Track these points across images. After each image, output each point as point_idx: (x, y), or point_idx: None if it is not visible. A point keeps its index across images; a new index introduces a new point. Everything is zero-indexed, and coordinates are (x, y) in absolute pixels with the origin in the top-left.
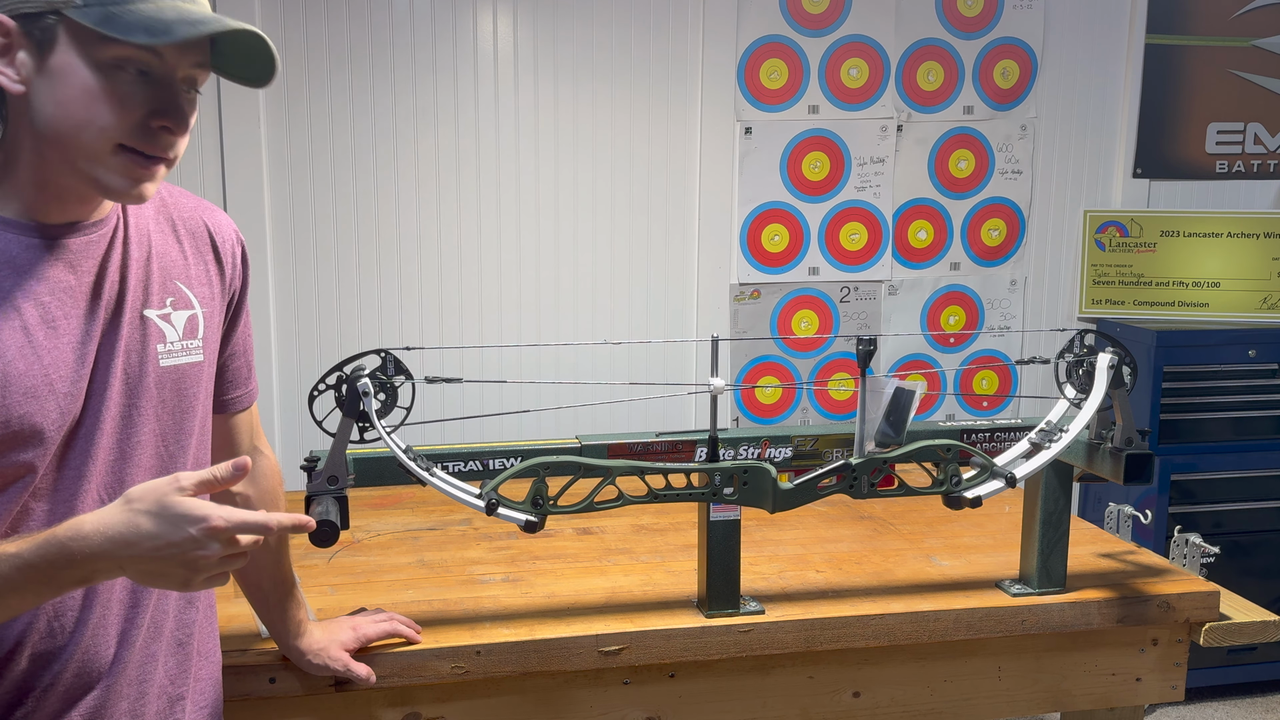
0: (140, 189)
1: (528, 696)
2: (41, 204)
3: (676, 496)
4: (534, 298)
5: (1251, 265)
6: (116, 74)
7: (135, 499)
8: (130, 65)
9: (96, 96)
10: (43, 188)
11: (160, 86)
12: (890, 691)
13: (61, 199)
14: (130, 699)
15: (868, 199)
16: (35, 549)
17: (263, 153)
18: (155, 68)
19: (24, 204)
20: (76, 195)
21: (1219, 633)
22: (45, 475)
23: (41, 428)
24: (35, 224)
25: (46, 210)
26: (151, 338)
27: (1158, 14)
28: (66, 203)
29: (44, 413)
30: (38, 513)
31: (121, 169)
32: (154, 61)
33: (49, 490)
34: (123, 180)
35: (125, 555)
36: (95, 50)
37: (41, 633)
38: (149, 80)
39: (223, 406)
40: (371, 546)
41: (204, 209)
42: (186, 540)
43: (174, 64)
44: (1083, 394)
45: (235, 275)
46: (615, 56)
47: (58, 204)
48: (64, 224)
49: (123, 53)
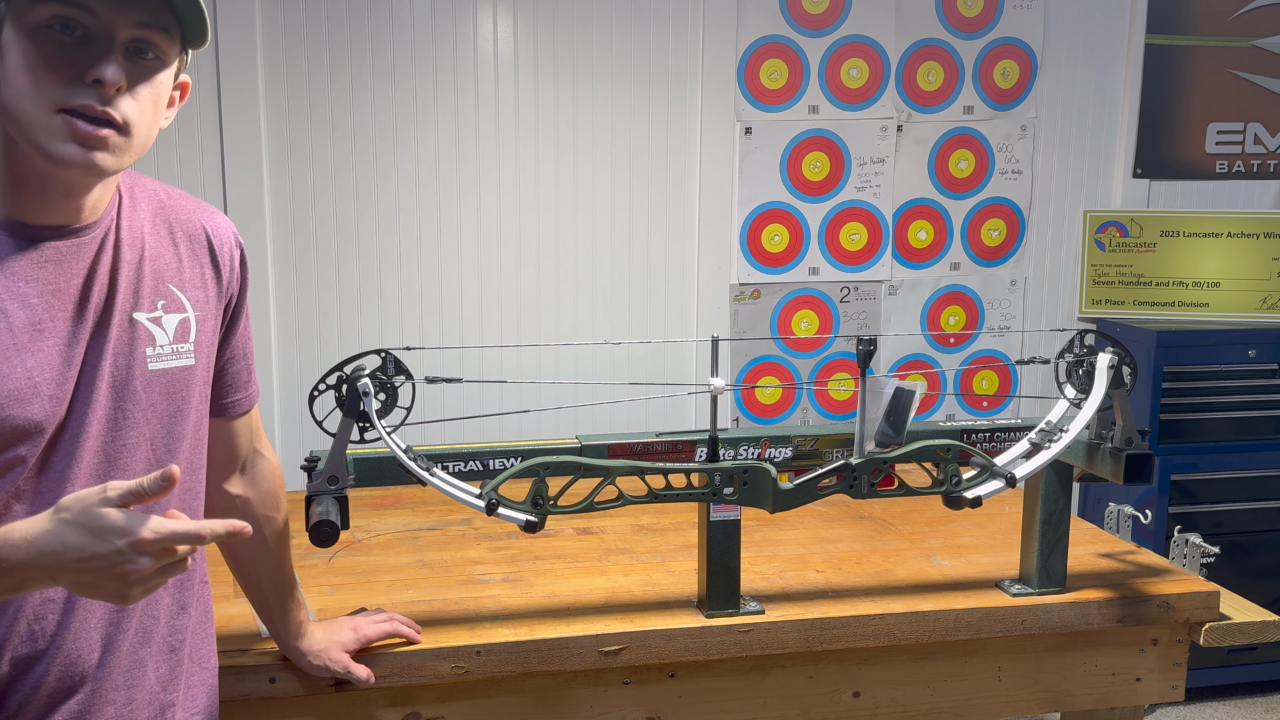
0: (91, 156)
1: (528, 696)
2: (25, 203)
3: (676, 496)
4: (534, 298)
5: (1251, 265)
6: (46, 35)
7: (64, 508)
8: (57, 23)
9: (31, 62)
10: (23, 184)
11: (94, 44)
12: (890, 691)
13: (44, 194)
14: (118, 704)
15: (868, 199)
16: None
17: (263, 153)
18: (89, 25)
19: (8, 205)
20: (57, 189)
21: (1219, 633)
22: (28, 478)
23: (26, 430)
24: (22, 225)
25: (31, 210)
26: (140, 341)
27: (1158, 14)
28: (49, 199)
29: (28, 415)
30: (19, 514)
31: (65, 133)
32: (85, 18)
33: (31, 493)
34: (69, 146)
35: (52, 565)
36: (26, 16)
37: (22, 636)
38: (84, 40)
39: (222, 410)
40: (371, 546)
41: (203, 212)
42: (113, 554)
43: (109, 21)
44: (1083, 394)
45: (233, 279)
46: (615, 56)
47: (41, 201)
48: (52, 226)
49: (46, 11)
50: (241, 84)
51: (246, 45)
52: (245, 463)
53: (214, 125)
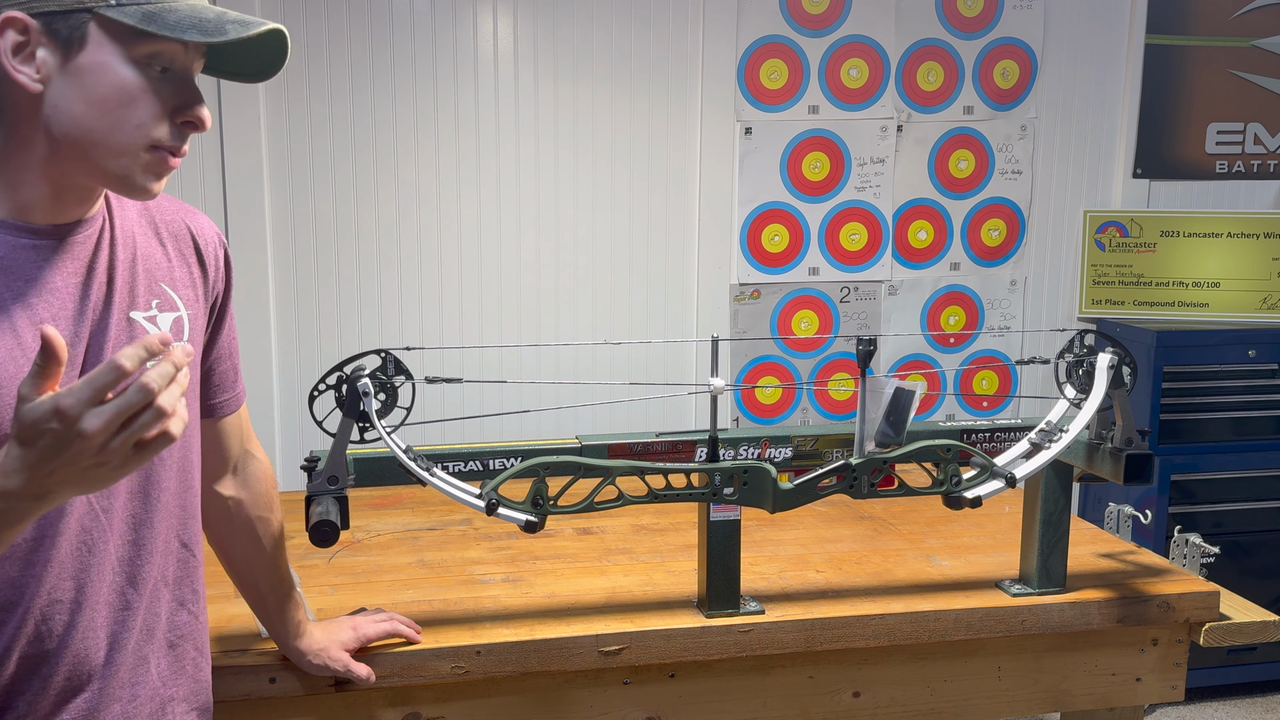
0: (157, 186)
1: (528, 696)
2: (35, 205)
3: (676, 496)
4: (534, 298)
5: (1251, 265)
6: (147, 70)
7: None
8: (157, 62)
9: (135, 94)
10: (41, 186)
11: (181, 83)
12: (890, 691)
13: (60, 199)
14: (123, 701)
15: (868, 199)
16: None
17: (263, 153)
18: (177, 64)
19: (14, 205)
20: (78, 195)
21: (1219, 633)
22: None
23: None
24: (23, 225)
25: (38, 211)
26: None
27: (1158, 14)
28: (65, 203)
29: None
30: None
31: (152, 167)
32: (179, 58)
33: None
34: (150, 178)
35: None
36: (130, 47)
37: (30, 637)
38: (171, 77)
39: (210, 411)
40: (371, 546)
41: (186, 212)
42: (51, 438)
43: (190, 61)
44: (1083, 394)
45: (218, 278)
46: (615, 56)
47: (54, 204)
48: (50, 225)
49: (154, 49)
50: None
51: None
52: (236, 464)
53: (214, 125)
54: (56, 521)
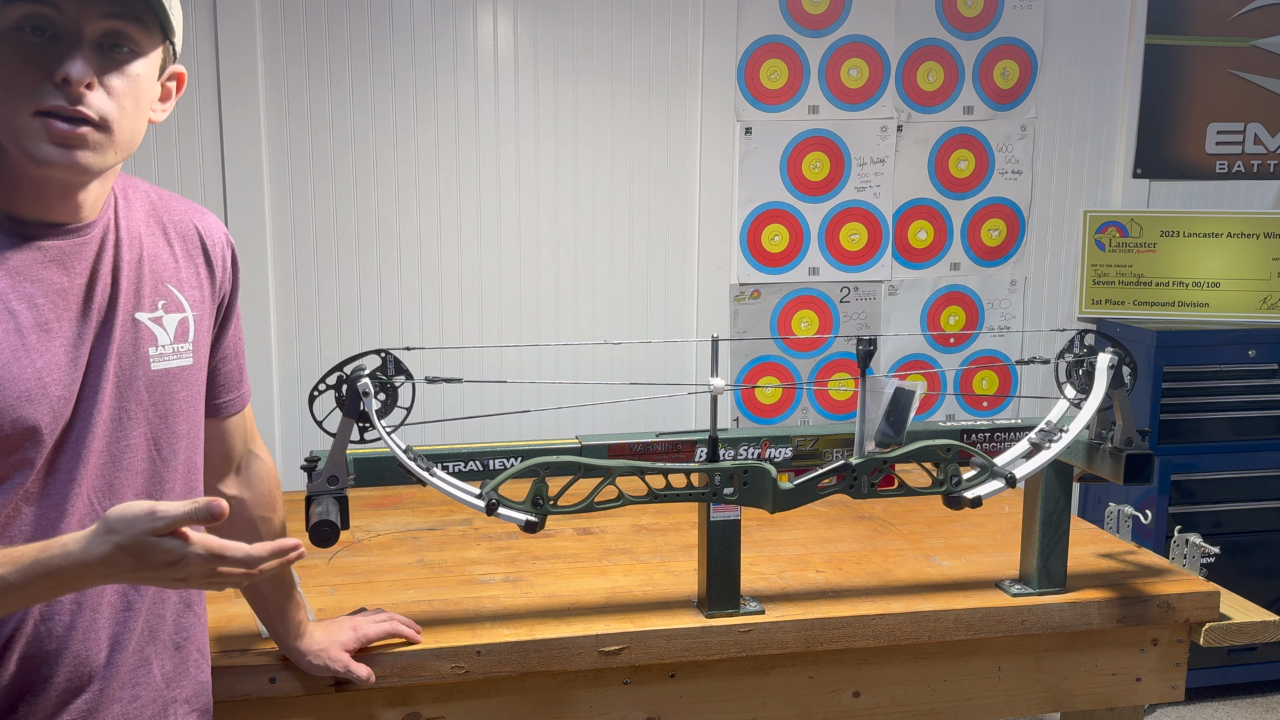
0: (73, 156)
1: (528, 696)
2: (24, 203)
3: (676, 496)
4: (534, 298)
5: (1251, 265)
6: (17, 37)
7: (114, 529)
8: (28, 24)
9: (4, 65)
10: (20, 185)
11: (61, 42)
12: (890, 691)
13: (41, 195)
14: (124, 701)
15: (868, 199)
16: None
17: (263, 153)
18: (57, 23)
19: (8, 206)
20: (52, 189)
21: (1219, 633)
22: (36, 479)
23: (35, 431)
24: (24, 225)
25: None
26: (143, 341)
27: (1158, 14)
28: (48, 199)
29: (37, 416)
30: (26, 516)
31: (42, 135)
32: (53, 15)
33: (38, 494)
34: (47, 147)
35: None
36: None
37: (29, 637)
38: (53, 39)
39: (215, 411)
40: (371, 546)
41: (194, 212)
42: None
43: (75, 16)
44: (1083, 394)
45: (225, 278)
46: (615, 56)
47: (39, 201)
48: (53, 224)
49: (16, 13)
50: (241, 84)
51: (246, 45)
52: (240, 464)
53: (214, 125)
54: (59, 524)
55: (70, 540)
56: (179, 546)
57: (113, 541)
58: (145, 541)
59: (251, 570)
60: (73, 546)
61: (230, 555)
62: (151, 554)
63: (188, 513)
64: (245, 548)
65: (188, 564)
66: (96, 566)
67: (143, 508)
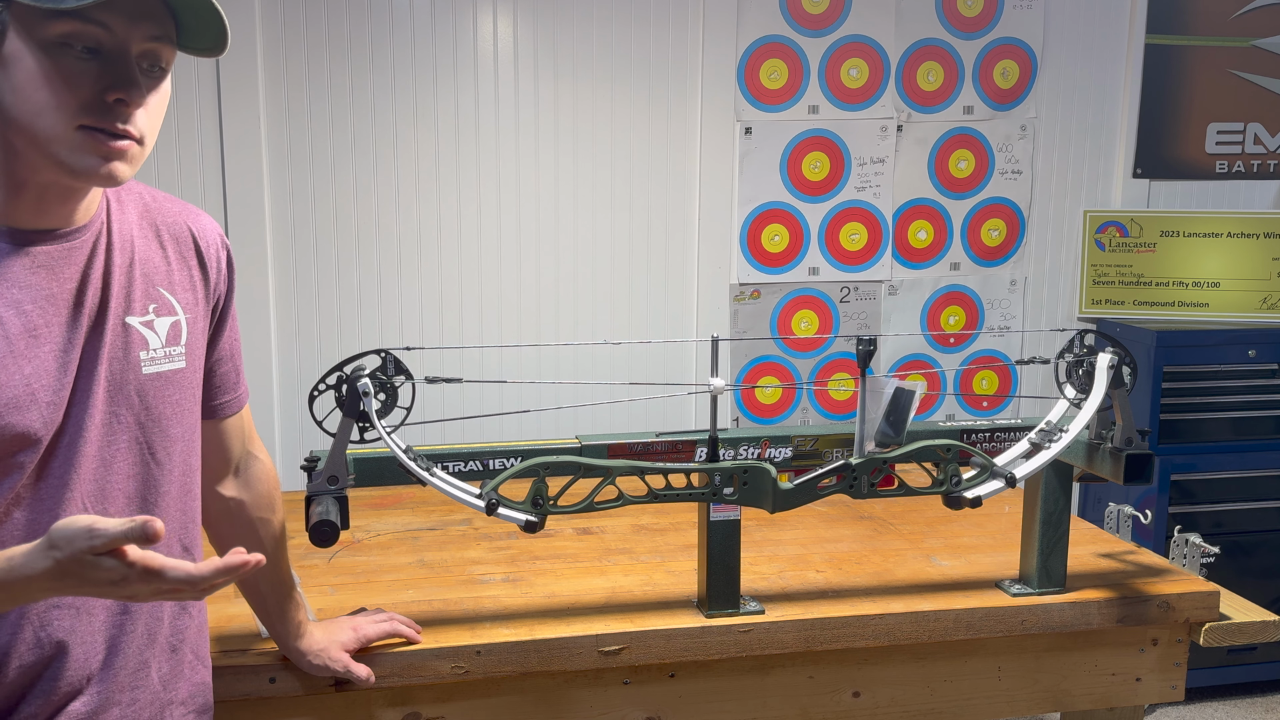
0: (110, 168)
1: (528, 696)
2: (18, 209)
3: (676, 496)
4: (534, 298)
5: (1251, 265)
6: (64, 52)
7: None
8: (76, 42)
9: (47, 78)
10: (18, 189)
11: (112, 61)
12: (890, 691)
13: (41, 199)
14: (122, 704)
15: (868, 199)
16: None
17: (263, 152)
18: (105, 42)
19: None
20: (56, 194)
21: (1219, 633)
22: (27, 484)
23: (25, 438)
24: (14, 231)
25: (24, 215)
26: (134, 345)
27: (1158, 14)
28: (47, 204)
29: (27, 422)
30: (19, 521)
31: (86, 147)
32: (102, 35)
33: (30, 499)
34: (90, 159)
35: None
36: (38, 31)
37: (28, 643)
38: (100, 56)
39: (212, 412)
40: (371, 546)
41: (188, 213)
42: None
43: (124, 37)
44: (1083, 394)
45: (220, 280)
46: (615, 56)
47: (36, 207)
48: (44, 230)
49: (64, 29)
50: (241, 84)
51: (246, 45)
52: (239, 465)
53: (214, 125)
54: None
55: (16, 553)
56: (118, 567)
57: (54, 557)
58: (84, 560)
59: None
60: (18, 560)
61: (171, 575)
62: (91, 572)
63: (124, 531)
64: (187, 568)
65: (129, 583)
66: (41, 580)
67: (82, 524)
